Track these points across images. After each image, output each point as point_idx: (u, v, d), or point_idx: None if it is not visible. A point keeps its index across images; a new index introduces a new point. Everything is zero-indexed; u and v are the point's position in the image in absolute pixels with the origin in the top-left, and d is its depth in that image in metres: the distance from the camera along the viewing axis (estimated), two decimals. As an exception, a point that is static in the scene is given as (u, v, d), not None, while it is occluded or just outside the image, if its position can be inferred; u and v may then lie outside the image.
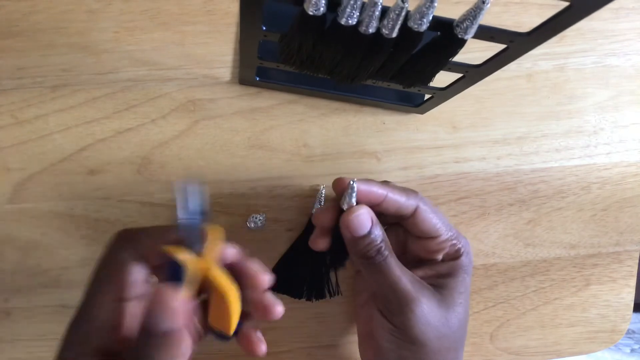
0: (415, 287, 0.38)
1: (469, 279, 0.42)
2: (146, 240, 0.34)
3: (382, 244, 0.38)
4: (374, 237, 0.38)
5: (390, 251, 0.39)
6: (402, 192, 0.40)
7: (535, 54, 0.55)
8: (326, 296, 0.51)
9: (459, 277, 0.41)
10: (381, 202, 0.39)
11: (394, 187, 0.40)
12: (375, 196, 0.39)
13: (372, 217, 0.38)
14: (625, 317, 0.59)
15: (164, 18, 0.49)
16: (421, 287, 0.39)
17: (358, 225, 0.38)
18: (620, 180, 0.57)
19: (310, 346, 0.53)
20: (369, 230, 0.38)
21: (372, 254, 0.38)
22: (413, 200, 0.40)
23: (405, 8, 0.30)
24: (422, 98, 0.50)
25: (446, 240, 0.41)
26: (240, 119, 0.50)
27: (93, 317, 0.32)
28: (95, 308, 0.32)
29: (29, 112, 0.48)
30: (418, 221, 0.40)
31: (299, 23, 0.33)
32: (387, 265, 0.38)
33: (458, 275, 0.41)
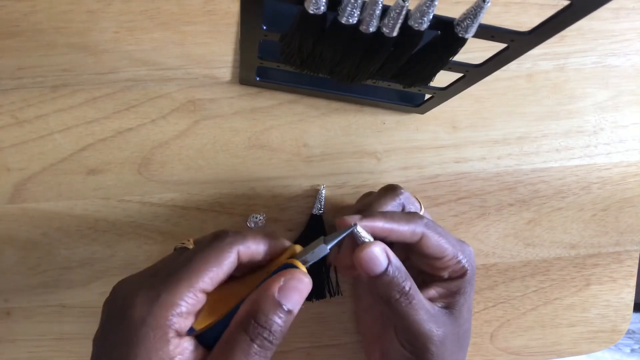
0: (437, 323, 0.37)
1: (473, 286, 0.42)
2: (252, 241, 0.33)
3: (404, 284, 0.36)
4: (393, 276, 0.35)
5: (415, 290, 0.36)
6: (406, 222, 0.37)
7: (535, 54, 0.55)
8: (326, 296, 0.51)
9: (465, 293, 0.40)
10: (385, 237, 0.37)
11: (398, 218, 0.37)
12: (379, 233, 0.36)
13: (388, 252, 0.35)
14: (625, 317, 0.59)
15: (164, 18, 0.49)
16: (441, 320, 0.38)
17: (372, 264, 0.35)
18: (621, 180, 0.57)
19: (310, 346, 0.53)
20: (386, 268, 0.35)
21: (395, 297, 0.35)
22: (419, 229, 0.37)
23: (405, 7, 0.30)
24: (423, 98, 0.50)
25: (451, 259, 0.39)
26: (240, 119, 0.50)
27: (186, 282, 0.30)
28: None
29: (29, 112, 0.47)
30: (424, 247, 0.38)
31: (300, 22, 0.33)
32: (413, 307, 0.36)
33: (464, 291, 0.40)
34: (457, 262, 0.39)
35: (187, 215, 0.50)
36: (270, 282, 0.31)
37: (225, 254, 0.32)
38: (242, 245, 0.32)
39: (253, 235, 0.34)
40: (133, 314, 0.29)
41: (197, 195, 0.50)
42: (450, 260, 0.39)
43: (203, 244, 0.33)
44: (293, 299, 0.30)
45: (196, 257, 0.31)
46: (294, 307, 0.31)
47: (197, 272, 0.30)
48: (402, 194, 0.42)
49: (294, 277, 0.31)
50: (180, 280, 0.30)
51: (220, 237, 0.33)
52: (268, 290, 0.30)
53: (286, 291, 0.30)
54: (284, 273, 0.31)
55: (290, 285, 0.31)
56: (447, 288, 0.40)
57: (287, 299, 0.30)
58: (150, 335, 0.28)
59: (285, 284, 0.31)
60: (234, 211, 0.50)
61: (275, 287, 0.30)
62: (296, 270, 0.32)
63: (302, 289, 0.31)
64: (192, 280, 0.30)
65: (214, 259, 0.31)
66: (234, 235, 0.33)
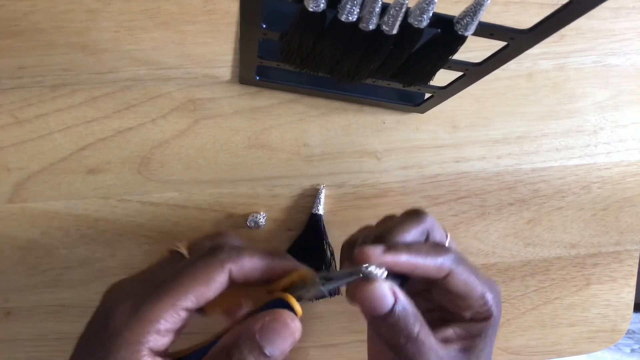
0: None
1: (496, 332, 0.37)
2: (247, 259, 0.31)
3: (412, 328, 0.31)
4: (399, 318, 0.31)
5: (425, 334, 0.32)
6: (433, 256, 0.33)
7: (535, 53, 0.55)
8: (326, 296, 0.51)
9: (486, 337, 0.36)
10: (408, 273, 0.33)
11: (425, 252, 0.33)
12: (401, 268, 0.32)
13: (395, 289, 0.31)
14: (625, 317, 0.59)
15: (163, 17, 0.49)
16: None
17: (375, 304, 0.31)
18: (621, 180, 0.57)
19: (310, 346, 0.53)
20: (391, 309, 0.31)
21: (401, 342, 0.31)
22: (446, 265, 0.33)
23: (405, 4, 0.30)
24: (422, 97, 0.50)
25: (477, 299, 0.35)
26: (240, 119, 0.50)
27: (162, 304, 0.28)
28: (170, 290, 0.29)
29: (29, 112, 0.47)
30: (449, 285, 0.34)
31: (299, 20, 0.33)
32: (422, 354, 0.32)
33: (488, 335, 0.36)
34: (483, 304, 0.35)
35: (187, 214, 0.49)
36: (253, 318, 0.28)
37: (215, 273, 0.29)
38: (235, 265, 0.30)
39: (251, 253, 0.31)
40: (112, 323, 0.28)
41: (197, 194, 0.50)
42: (476, 301, 0.35)
43: (195, 257, 0.31)
44: (275, 343, 0.27)
45: (185, 272, 0.29)
46: (275, 353, 0.27)
47: (182, 289, 0.28)
48: (426, 220, 0.37)
49: (278, 320, 0.28)
50: (163, 295, 0.28)
51: (213, 253, 0.30)
52: (249, 328, 0.28)
53: (268, 334, 0.27)
54: (270, 312, 0.28)
55: (273, 328, 0.28)
56: (468, 330, 0.36)
57: (268, 342, 0.27)
58: (123, 349, 0.27)
59: (268, 325, 0.28)
60: (234, 211, 0.50)
61: (257, 326, 0.28)
62: (282, 312, 0.28)
63: (285, 335, 0.28)
64: (175, 297, 0.28)
65: (201, 277, 0.29)
66: (228, 252, 0.30)
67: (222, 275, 0.29)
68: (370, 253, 0.32)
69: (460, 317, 0.36)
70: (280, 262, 0.31)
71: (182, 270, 0.29)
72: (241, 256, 0.30)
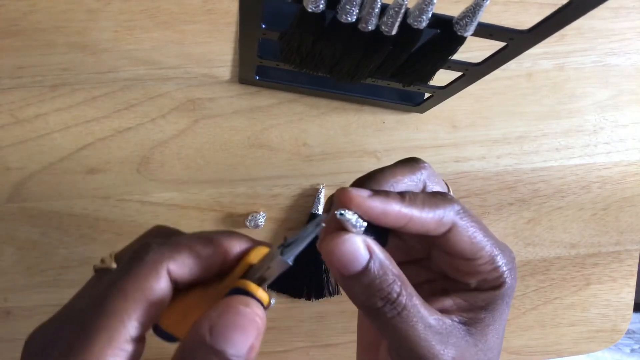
0: (445, 342, 0.26)
1: (509, 306, 0.30)
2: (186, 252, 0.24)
3: (390, 288, 0.25)
4: (374, 277, 0.25)
5: (408, 295, 0.25)
6: (432, 207, 0.27)
7: (535, 53, 0.55)
8: (326, 295, 0.51)
9: (498, 310, 0.29)
10: (402, 226, 0.27)
11: (421, 201, 0.27)
12: (394, 219, 0.26)
13: (370, 243, 0.25)
14: (625, 317, 0.59)
15: (163, 17, 0.49)
16: (452, 340, 0.27)
17: (346, 259, 0.25)
18: (621, 180, 0.57)
19: (309, 345, 0.53)
20: (365, 265, 0.25)
21: (378, 305, 0.25)
22: (448, 217, 0.27)
23: (404, 5, 0.30)
24: (422, 97, 0.50)
25: (486, 262, 0.28)
26: (239, 118, 0.50)
27: None
28: None
29: (29, 112, 0.47)
30: (451, 243, 0.28)
31: (299, 20, 0.33)
32: (403, 320, 0.25)
33: (497, 308, 0.29)
34: (493, 269, 0.28)
35: (187, 214, 0.50)
36: (198, 320, 0.22)
37: (149, 281, 0.23)
38: (172, 262, 0.23)
39: (189, 243, 0.25)
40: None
41: (197, 194, 0.50)
42: (484, 265, 0.28)
43: (119, 269, 0.24)
44: (234, 340, 0.21)
45: (110, 295, 0.22)
46: (240, 353, 0.21)
47: (115, 318, 0.22)
48: (424, 168, 0.31)
49: (228, 311, 0.22)
50: (94, 335, 0.21)
51: (139, 256, 0.24)
52: (196, 332, 0.21)
53: (221, 332, 0.21)
54: (219, 305, 0.22)
55: (225, 323, 0.21)
56: (470, 300, 0.29)
57: (226, 341, 0.21)
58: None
59: (218, 322, 0.21)
60: (233, 211, 0.50)
61: (205, 327, 0.21)
62: (231, 300, 0.22)
63: (243, 324, 0.22)
64: (111, 333, 0.21)
65: (133, 293, 0.22)
66: (158, 249, 0.24)
67: (160, 281, 0.23)
68: (353, 195, 0.25)
69: (463, 286, 0.29)
70: (228, 243, 0.25)
71: (107, 292, 0.22)
72: (177, 249, 0.24)
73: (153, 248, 0.24)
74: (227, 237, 0.26)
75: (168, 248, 0.24)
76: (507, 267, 0.29)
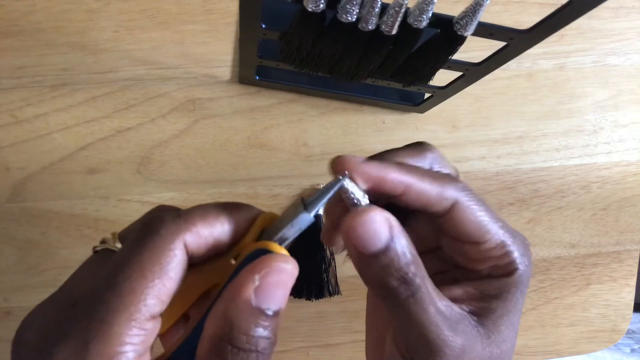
0: (454, 329, 0.25)
1: (524, 295, 0.28)
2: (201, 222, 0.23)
3: (409, 269, 0.24)
4: (394, 256, 0.24)
5: (422, 278, 0.25)
6: (434, 180, 0.26)
7: (535, 53, 0.55)
8: (326, 295, 0.51)
9: (511, 299, 0.27)
10: (400, 194, 0.25)
11: (424, 172, 0.26)
12: (391, 186, 0.25)
13: (392, 222, 0.24)
14: (625, 317, 0.59)
15: (163, 17, 0.49)
16: (461, 328, 0.26)
17: (368, 237, 0.24)
18: (621, 180, 0.57)
19: (309, 345, 0.53)
20: (386, 244, 0.24)
21: (393, 285, 0.24)
22: (450, 192, 0.26)
23: (404, 5, 0.30)
24: (422, 97, 0.50)
25: (494, 248, 0.27)
26: (239, 118, 0.50)
27: None
28: None
29: (29, 112, 0.47)
30: (454, 221, 0.26)
31: (299, 20, 0.33)
32: (417, 302, 0.24)
33: (510, 296, 0.27)
34: (503, 254, 0.27)
35: (187, 214, 0.49)
36: (240, 284, 0.21)
37: (168, 255, 0.22)
38: (189, 235, 0.23)
39: (203, 214, 0.24)
40: None
41: (197, 194, 0.50)
42: (493, 249, 0.27)
43: (129, 243, 0.22)
44: (277, 297, 0.22)
45: (128, 271, 0.21)
46: (280, 306, 0.22)
47: (134, 296, 0.20)
48: (430, 152, 0.29)
49: (272, 270, 0.22)
50: (113, 319, 0.20)
51: (153, 230, 0.22)
52: (240, 297, 0.21)
53: (266, 291, 0.21)
54: (257, 266, 0.22)
55: (270, 282, 0.21)
56: (482, 288, 0.28)
57: (269, 300, 0.21)
58: None
59: (263, 282, 0.21)
60: (233, 210, 0.50)
61: (250, 291, 0.21)
62: (272, 257, 0.22)
63: (285, 280, 0.22)
64: (130, 313, 0.20)
65: (151, 267, 0.21)
66: (173, 222, 0.23)
67: (178, 255, 0.22)
68: (349, 158, 0.25)
69: (474, 274, 0.28)
70: (242, 214, 0.25)
71: (122, 270, 0.21)
72: (192, 220, 0.23)
73: (167, 220, 0.22)
74: (236, 207, 0.25)
75: (184, 219, 0.23)
76: (519, 252, 0.27)
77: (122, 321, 0.20)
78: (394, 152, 0.28)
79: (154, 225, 0.22)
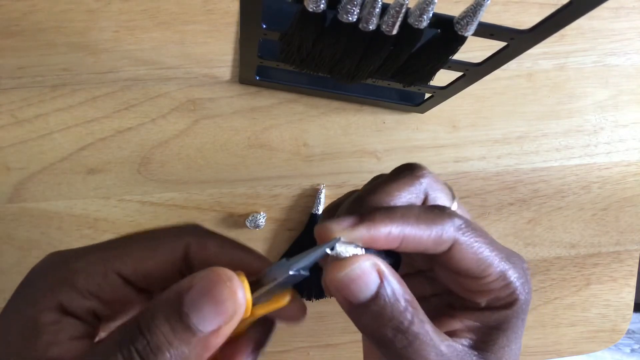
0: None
1: (525, 321, 0.28)
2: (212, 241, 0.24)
3: (403, 317, 0.23)
4: (386, 304, 0.23)
5: (420, 324, 0.23)
6: (430, 223, 0.24)
7: (535, 53, 0.55)
8: (326, 296, 0.51)
9: (512, 329, 0.26)
10: (397, 247, 0.24)
11: (416, 217, 0.24)
12: (385, 243, 0.24)
13: (381, 267, 0.23)
14: (625, 317, 0.59)
15: (163, 17, 0.49)
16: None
17: (354, 287, 0.22)
18: (621, 180, 0.57)
19: (309, 346, 0.53)
20: (376, 292, 0.23)
21: (388, 336, 0.23)
22: (448, 234, 0.24)
23: (405, 5, 0.30)
24: (422, 97, 0.50)
25: (495, 280, 0.25)
26: (240, 118, 0.50)
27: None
28: None
29: (29, 112, 0.47)
30: (454, 261, 0.25)
31: (299, 20, 0.33)
32: (416, 351, 0.23)
33: (512, 327, 0.26)
34: (504, 285, 0.26)
35: (187, 214, 0.49)
36: (181, 281, 0.21)
37: (164, 240, 0.24)
38: (195, 239, 0.24)
39: (219, 238, 0.25)
40: (32, 272, 0.24)
41: (197, 194, 0.50)
42: (494, 282, 0.25)
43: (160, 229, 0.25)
44: (204, 311, 0.20)
45: (130, 237, 0.24)
46: (206, 327, 0.20)
47: (119, 250, 0.23)
48: (423, 177, 0.27)
49: (211, 280, 0.20)
50: (94, 250, 0.24)
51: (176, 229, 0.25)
52: (172, 289, 0.21)
53: (197, 298, 0.20)
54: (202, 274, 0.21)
55: (205, 291, 0.20)
56: (482, 321, 0.27)
57: (196, 309, 0.20)
58: (29, 297, 0.24)
59: (197, 286, 0.20)
60: (233, 211, 0.50)
61: (184, 288, 0.20)
62: (219, 269, 0.21)
63: (221, 299, 0.20)
64: (106, 256, 0.23)
65: (145, 241, 0.24)
66: (192, 227, 0.25)
67: (175, 244, 0.24)
68: (332, 228, 0.23)
69: (472, 304, 0.27)
70: (253, 257, 0.25)
71: (132, 235, 0.24)
72: (206, 235, 0.25)
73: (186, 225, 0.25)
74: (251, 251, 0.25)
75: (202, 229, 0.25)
76: (520, 281, 0.26)
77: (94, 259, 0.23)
78: (385, 186, 0.27)
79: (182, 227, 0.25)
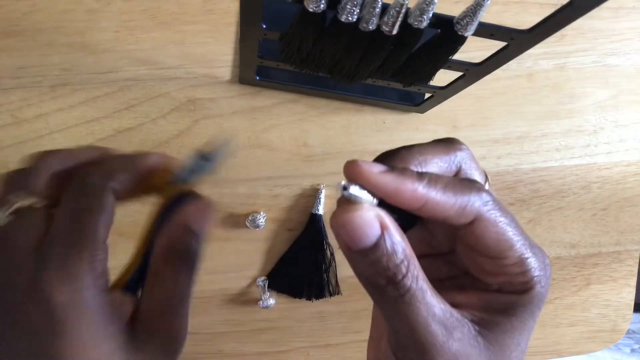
0: (449, 330, 0.24)
1: (536, 318, 0.26)
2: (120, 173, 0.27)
3: (398, 270, 0.23)
4: (383, 255, 0.23)
5: (415, 279, 0.23)
6: (457, 192, 0.24)
7: (535, 53, 0.55)
8: (326, 295, 0.51)
9: (518, 318, 0.25)
10: (418, 208, 0.24)
11: (443, 183, 0.24)
12: (409, 200, 0.23)
13: (385, 219, 0.23)
14: (625, 317, 0.59)
15: (163, 17, 0.49)
16: (458, 334, 0.24)
17: (357, 233, 0.23)
18: (621, 180, 0.57)
19: (309, 346, 0.53)
20: (375, 241, 0.23)
21: (381, 284, 0.23)
22: (472, 206, 0.24)
23: (405, 5, 0.30)
24: (423, 97, 0.50)
25: (512, 265, 0.25)
26: (240, 119, 0.50)
27: None
28: None
29: (29, 112, 0.47)
30: (475, 235, 0.25)
31: (299, 20, 0.33)
32: (406, 303, 0.23)
33: (518, 315, 0.25)
34: (521, 272, 0.25)
35: (187, 214, 0.49)
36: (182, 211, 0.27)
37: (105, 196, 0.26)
38: (116, 182, 0.26)
39: (121, 163, 0.27)
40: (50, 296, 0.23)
41: (197, 194, 0.49)
42: (511, 267, 0.25)
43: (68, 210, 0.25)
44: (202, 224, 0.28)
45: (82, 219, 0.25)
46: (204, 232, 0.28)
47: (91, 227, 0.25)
48: (460, 150, 0.27)
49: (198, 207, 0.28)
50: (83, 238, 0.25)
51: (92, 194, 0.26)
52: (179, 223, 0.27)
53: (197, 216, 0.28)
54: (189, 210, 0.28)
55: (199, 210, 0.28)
56: (486, 301, 0.26)
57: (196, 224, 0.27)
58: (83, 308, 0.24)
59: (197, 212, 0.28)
60: (233, 210, 0.50)
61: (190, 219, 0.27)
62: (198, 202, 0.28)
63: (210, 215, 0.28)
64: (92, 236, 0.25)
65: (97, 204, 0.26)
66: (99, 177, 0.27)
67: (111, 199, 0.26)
68: (363, 168, 0.23)
69: (483, 285, 0.26)
70: (145, 157, 0.28)
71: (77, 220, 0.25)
72: (114, 170, 0.27)
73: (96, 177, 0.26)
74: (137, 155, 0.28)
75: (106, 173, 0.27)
76: (539, 272, 0.25)
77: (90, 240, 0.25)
78: (420, 148, 0.26)
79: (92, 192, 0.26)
